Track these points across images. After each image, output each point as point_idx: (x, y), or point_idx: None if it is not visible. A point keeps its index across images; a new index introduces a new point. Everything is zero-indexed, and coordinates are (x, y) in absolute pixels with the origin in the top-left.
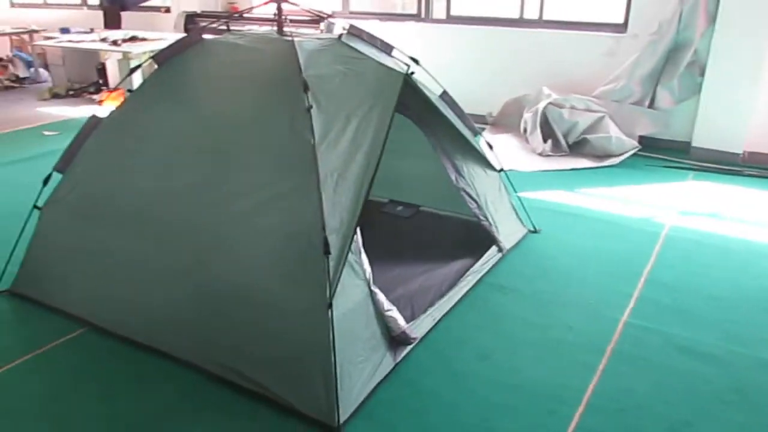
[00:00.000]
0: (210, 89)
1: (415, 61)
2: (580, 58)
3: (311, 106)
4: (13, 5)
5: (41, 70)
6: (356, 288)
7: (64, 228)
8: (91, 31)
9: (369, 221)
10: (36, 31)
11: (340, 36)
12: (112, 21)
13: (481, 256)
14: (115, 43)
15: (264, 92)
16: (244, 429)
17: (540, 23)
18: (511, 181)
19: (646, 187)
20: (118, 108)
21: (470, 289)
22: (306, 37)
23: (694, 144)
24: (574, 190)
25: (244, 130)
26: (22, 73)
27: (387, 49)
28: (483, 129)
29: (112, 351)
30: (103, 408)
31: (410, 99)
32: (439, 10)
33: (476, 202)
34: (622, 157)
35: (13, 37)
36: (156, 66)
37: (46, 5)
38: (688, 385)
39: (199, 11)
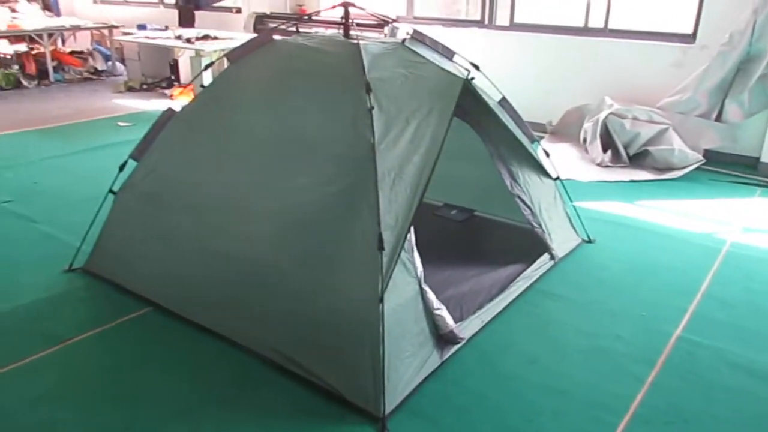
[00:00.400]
0: (277, 88)
1: (476, 66)
2: (645, 68)
3: (373, 107)
4: (95, 2)
5: (118, 64)
6: (407, 285)
7: (136, 212)
8: (166, 28)
9: (423, 223)
10: (115, 27)
11: (404, 40)
12: (186, 19)
13: (533, 262)
14: (188, 40)
15: (329, 92)
16: (292, 411)
17: (605, 32)
18: (568, 190)
19: (708, 202)
20: (191, 102)
21: (520, 295)
22: (371, 41)
23: (763, 159)
24: (632, 201)
25: (308, 128)
26: (100, 65)
27: (448, 54)
28: (542, 137)
29: (174, 331)
30: (161, 384)
31: (469, 104)
32: (502, 17)
33: (530, 209)
34: (684, 171)
35: (94, 32)
36: (227, 63)
37: (126, 3)
38: (739, 403)
39: (268, 12)
